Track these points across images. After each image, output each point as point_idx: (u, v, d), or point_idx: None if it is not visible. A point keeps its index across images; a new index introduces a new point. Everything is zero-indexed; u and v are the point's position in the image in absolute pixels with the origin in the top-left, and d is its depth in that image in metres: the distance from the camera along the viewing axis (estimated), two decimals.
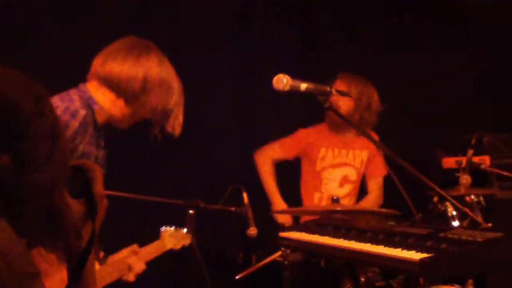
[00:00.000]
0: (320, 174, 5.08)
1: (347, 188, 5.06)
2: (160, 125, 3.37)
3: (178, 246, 3.87)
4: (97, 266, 3.45)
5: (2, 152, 1.45)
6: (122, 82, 3.20)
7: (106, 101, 3.23)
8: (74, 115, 3.05)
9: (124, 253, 3.54)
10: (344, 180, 5.09)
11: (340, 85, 4.79)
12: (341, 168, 5.10)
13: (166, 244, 3.81)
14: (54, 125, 1.56)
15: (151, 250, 3.72)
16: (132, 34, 3.37)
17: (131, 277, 3.49)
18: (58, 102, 3.07)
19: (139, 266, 3.48)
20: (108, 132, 3.34)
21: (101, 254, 3.55)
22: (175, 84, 3.36)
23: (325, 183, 5.07)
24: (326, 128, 5.09)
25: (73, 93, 3.18)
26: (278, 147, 5.10)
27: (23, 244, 1.46)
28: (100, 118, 3.24)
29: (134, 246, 3.58)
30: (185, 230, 3.88)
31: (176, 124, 3.39)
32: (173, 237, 3.84)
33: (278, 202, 4.97)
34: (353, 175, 5.12)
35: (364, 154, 5.13)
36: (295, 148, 5.06)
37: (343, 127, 4.94)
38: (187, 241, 3.90)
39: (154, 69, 3.24)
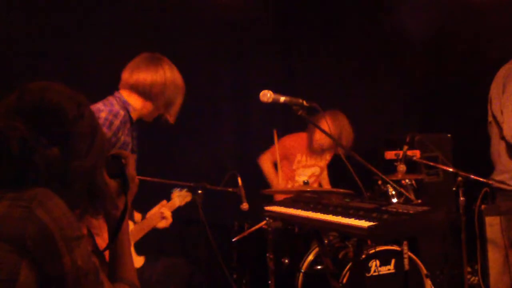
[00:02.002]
0: (295, 171, 5.10)
1: (312, 179, 5.09)
2: (167, 115, 3.37)
3: (183, 203, 3.91)
4: (132, 224, 3.49)
5: (53, 145, 1.45)
6: (147, 88, 3.22)
7: (137, 104, 3.25)
8: (116, 115, 3.09)
9: (157, 207, 3.68)
10: (311, 175, 5.11)
11: (327, 120, 4.82)
12: (310, 168, 5.12)
13: (175, 203, 3.85)
14: (92, 124, 1.57)
15: (169, 206, 3.79)
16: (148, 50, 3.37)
17: (164, 223, 3.67)
18: (102, 107, 3.11)
19: (169, 214, 3.66)
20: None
21: (140, 216, 3.59)
22: (181, 84, 3.37)
23: (297, 177, 5.09)
24: (304, 138, 5.10)
25: (112, 99, 3.21)
26: (270, 154, 5.13)
27: (72, 214, 1.45)
28: (134, 116, 3.27)
29: (164, 201, 3.69)
30: (185, 190, 3.91)
31: (175, 113, 3.40)
32: (179, 196, 3.87)
33: (276, 186, 5.01)
34: (317, 171, 5.15)
35: (328, 156, 5.15)
36: (281, 153, 5.08)
37: (317, 144, 5.00)
38: (188, 198, 3.93)
39: (167, 75, 3.26)
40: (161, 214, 3.67)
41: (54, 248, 1.38)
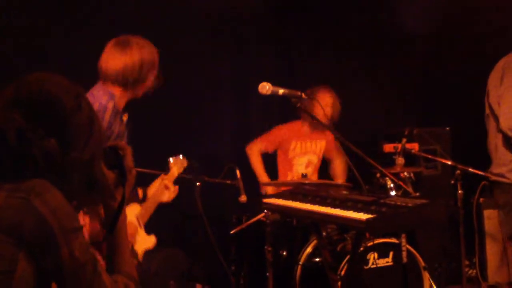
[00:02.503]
0: (292, 161, 5.07)
1: (310, 169, 5.06)
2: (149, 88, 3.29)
3: (181, 170, 3.88)
4: (138, 207, 3.48)
5: (50, 137, 1.45)
6: (119, 76, 3.12)
7: (118, 92, 3.15)
8: (105, 109, 3.04)
9: (157, 182, 3.67)
10: (308, 164, 5.09)
11: (325, 94, 4.89)
12: (306, 155, 5.09)
13: (174, 172, 3.81)
14: (90, 115, 1.56)
15: (170, 176, 3.75)
16: None
17: (167, 195, 3.67)
18: (91, 100, 3.04)
19: (171, 184, 3.67)
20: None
21: (141, 192, 3.58)
22: (154, 56, 3.25)
23: (295, 166, 5.07)
24: (298, 125, 5.08)
25: (97, 91, 3.13)
26: (260, 142, 5.07)
27: (70, 205, 1.45)
28: (121, 104, 3.19)
29: (162, 175, 3.67)
30: (181, 156, 3.88)
31: (153, 83, 3.30)
32: (175, 164, 3.84)
33: (263, 178, 4.96)
34: (314, 159, 5.12)
35: (323, 143, 5.12)
36: (273, 143, 5.05)
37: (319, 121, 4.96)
38: (185, 164, 3.91)
39: (135, 56, 3.14)
40: (164, 186, 3.64)
41: (51, 239, 1.38)
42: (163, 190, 3.65)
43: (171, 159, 3.83)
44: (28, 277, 1.37)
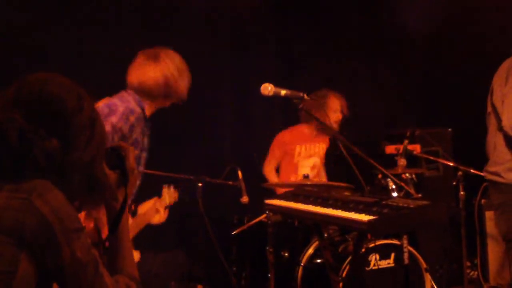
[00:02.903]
0: (297, 164, 5.08)
1: (315, 172, 5.07)
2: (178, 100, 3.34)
3: (172, 202, 3.89)
4: (130, 219, 3.48)
5: (52, 137, 1.44)
6: (152, 89, 3.17)
7: (148, 103, 3.21)
8: (132, 111, 3.07)
9: (149, 203, 3.69)
10: (314, 167, 5.09)
11: (335, 101, 4.94)
12: (311, 158, 5.10)
13: (165, 200, 3.83)
14: (91, 116, 1.55)
15: (162, 202, 3.79)
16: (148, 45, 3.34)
17: (157, 219, 3.71)
18: (119, 102, 3.08)
19: (162, 209, 3.71)
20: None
21: (133, 206, 3.59)
22: (183, 68, 3.30)
23: (300, 170, 5.07)
24: (300, 128, 5.08)
25: (127, 95, 3.16)
26: (270, 158, 5.10)
27: (71, 206, 1.45)
28: (148, 113, 3.23)
29: (156, 198, 3.72)
30: (173, 188, 3.90)
31: (185, 94, 3.34)
32: (168, 193, 3.86)
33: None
34: (318, 162, 5.12)
35: (324, 146, 5.13)
36: (279, 152, 5.06)
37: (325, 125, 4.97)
38: (176, 197, 3.92)
39: (167, 69, 3.19)
40: (156, 209, 3.66)
41: (53, 239, 1.37)
42: (154, 212, 3.68)
43: (165, 188, 3.86)
44: (29, 278, 1.37)
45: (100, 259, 1.48)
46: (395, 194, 4.13)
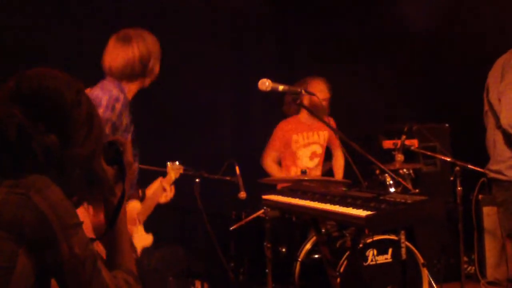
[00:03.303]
0: (296, 153, 5.06)
1: (316, 160, 5.05)
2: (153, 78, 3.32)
3: (178, 175, 3.93)
4: (138, 204, 3.50)
5: (50, 132, 1.44)
6: (126, 71, 3.16)
7: (126, 86, 3.19)
8: (117, 99, 3.06)
9: (155, 183, 3.71)
10: (313, 155, 5.07)
11: (317, 82, 4.93)
12: (310, 146, 5.08)
13: (171, 177, 3.86)
14: (89, 111, 1.55)
15: (167, 180, 3.81)
16: None
17: (164, 197, 3.74)
18: (100, 93, 3.07)
19: (169, 187, 3.73)
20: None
21: (140, 192, 3.60)
22: (157, 46, 3.28)
23: (299, 159, 5.06)
24: (295, 118, 5.08)
25: (107, 83, 3.15)
26: (269, 150, 5.09)
27: (70, 201, 1.45)
28: (130, 96, 3.22)
29: (160, 178, 3.75)
30: (177, 162, 3.93)
31: (157, 71, 3.32)
32: (173, 169, 3.88)
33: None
34: (319, 149, 5.10)
35: (326, 133, 5.12)
36: (280, 142, 5.06)
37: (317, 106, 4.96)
38: (181, 170, 3.95)
39: (140, 50, 3.17)
40: (163, 188, 3.68)
41: (51, 235, 1.37)
42: (161, 191, 3.71)
43: (168, 164, 3.87)
44: (28, 273, 1.37)
45: (98, 255, 1.48)
46: (392, 190, 4.15)
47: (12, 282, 1.34)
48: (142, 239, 3.59)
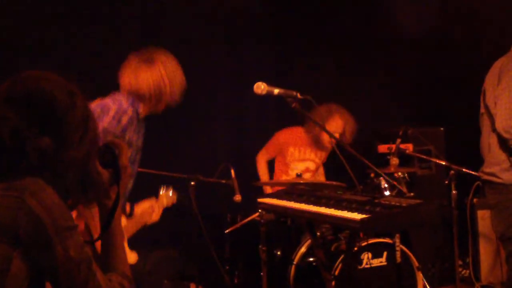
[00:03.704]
0: (289, 165, 5.07)
1: (307, 175, 5.05)
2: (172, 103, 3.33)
3: (170, 204, 3.89)
4: (124, 220, 3.48)
5: (45, 135, 1.44)
6: (147, 93, 3.16)
7: (142, 105, 3.21)
8: (125, 112, 3.07)
9: (146, 203, 3.66)
10: (306, 170, 5.08)
11: (337, 120, 4.87)
12: (304, 162, 5.10)
13: (163, 203, 3.83)
14: (84, 114, 1.54)
15: (158, 205, 3.78)
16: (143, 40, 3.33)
17: (154, 218, 3.69)
18: (111, 103, 3.08)
19: (158, 211, 3.69)
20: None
21: (128, 207, 3.58)
22: (178, 72, 3.30)
23: (291, 170, 5.07)
24: (298, 131, 5.08)
25: (120, 96, 3.16)
26: (265, 152, 5.13)
27: (64, 204, 1.44)
28: (142, 114, 3.23)
29: (153, 199, 3.71)
30: (171, 192, 3.88)
31: (179, 97, 3.33)
32: (165, 196, 3.84)
33: (264, 179, 4.99)
34: (312, 166, 5.11)
35: (324, 154, 5.13)
36: (275, 148, 5.08)
37: (319, 139, 4.96)
38: (174, 200, 3.91)
39: (163, 73, 3.18)
40: (152, 210, 3.65)
41: (46, 238, 1.37)
42: (150, 214, 3.67)
43: (163, 190, 3.85)
44: (22, 276, 1.36)
45: (93, 258, 1.48)
46: (387, 193, 4.15)
47: (6, 285, 1.33)
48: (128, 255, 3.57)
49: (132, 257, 3.59)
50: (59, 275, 1.41)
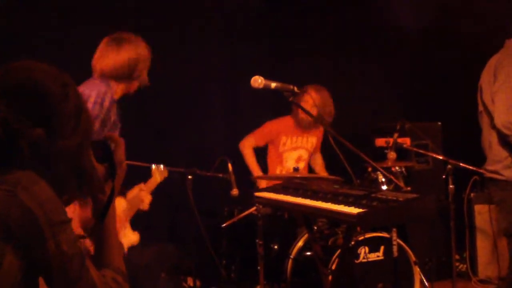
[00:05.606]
0: (282, 155, 5.06)
1: (301, 164, 5.05)
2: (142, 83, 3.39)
3: (162, 179, 3.89)
4: (124, 202, 3.50)
5: (37, 126, 1.41)
6: (115, 72, 3.23)
7: (114, 86, 3.25)
8: (105, 94, 3.10)
9: (135, 190, 3.66)
10: (299, 159, 5.08)
11: (312, 93, 4.80)
12: (297, 150, 5.09)
13: (156, 179, 3.84)
14: (77, 104, 1.51)
15: (150, 185, 3.79)
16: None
17: (145, 206, 3.67)
18: (87, 90, 3.10)
19: (148, 197, 3.68)
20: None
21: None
22: (147, 53, 3.36)
23: (285, 161, 5.07)
24: (288, 120, 5.07)
25: (95, 81, 3.21)
26: (252, 138, 5.07)
27: (58, 198, 1.42)
28: (116, 96, 3.27)
29: (141, 184, 3.68)
30: (162, 166, 3.89)
31: (146, 77, 3.40)
32: (158, 172, 3.85)
33: (256, 171, 4.95)
34: (305, 154, 5.11)
35: (314, 139, 5.12)
36: (264, 138, 5.05)
37: (304, 121, 4.95)
38: (166, 174, 3.91)
39: (131, 53, 3.26)
40: (141, 199, 3.68)
41: (38, 232, 1.35)
42: (139, 200, 3.69)
43: (153, 166, 3.86)
44: (14, 271, 1.34)
45: (86, 253, 1.46)
46: (384, 187, 4.15)
47: None
48: (129, 236, 3.59)
49: (135, 237, 3.62)
50: (51, 269, 1.38)
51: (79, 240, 1.46)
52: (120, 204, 3.49)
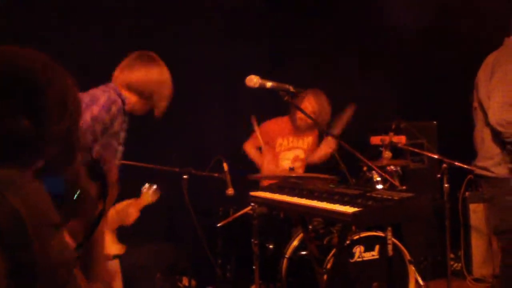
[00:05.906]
0: (278, 155, 5.07)
1: (297, 164, 5.05)
2: (156, 110, 3.38)
3: (151, 201, 3.90)
4: (114, 213, 3.51)
5: (23, 114, 1.36)
6: (140, 87, 3.22)
7: (130, 99, 3.24)
8: (114, 102, 3.08)
9: (125, 202, 3.70)
10: (295, 159, 5.08)
11: (311, 99, 4.87)
12: (293, 150, 5.09)
13: (144, 201, 3.85)
14: (63, 89, 1.46)
15: (141, 202, 3.81)
16: (139, 47, 3.35)
17: (129, 222, 3.71)
18: (99, 92, 3.09)
19: (135, 214, 3.73)
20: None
21: None
22: (170, 82, 3.37)
23: (281, 161, 5.07)
24: (284, 121, 5.08)
25: (109, 87, 3.18)
26: (252, 140, 5.09)
27: (51, 201, 1.38)
28: (126, 108, 3.25)
29: (132, 200, 3.67)
30: (155, 186, 3.90)
31: (163, 108, 3.40)
32: (149, 193, 3.85)
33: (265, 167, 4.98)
34: (301, 154, 5.11)
35: (310, 139, 5.13)
36: (262, 138, 5.06)
37: (301, 126, 4.97)
38: (157, 196, 3.91)
39: (159, 74, 3.27)
40: (128, 213, 3.68)
41: (24, 233, 1.29)
42: (126, 214, 3.70)
43: (146, 186, 3.86)
44: (1, 274, 1.29)
45: (75, 261, 1.42)
46: (380, 186, 4.15)
47: None
48: (110, 247, 3.58)
49: (120, 248, 3.61)
50: (37, 274, 1.32)
51: (69, 247, 1.42)
52: (109, 213, 3.50)
